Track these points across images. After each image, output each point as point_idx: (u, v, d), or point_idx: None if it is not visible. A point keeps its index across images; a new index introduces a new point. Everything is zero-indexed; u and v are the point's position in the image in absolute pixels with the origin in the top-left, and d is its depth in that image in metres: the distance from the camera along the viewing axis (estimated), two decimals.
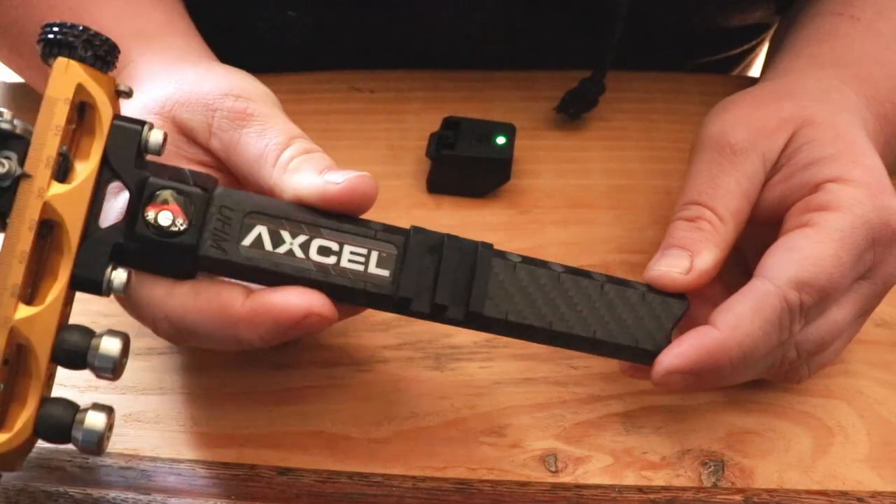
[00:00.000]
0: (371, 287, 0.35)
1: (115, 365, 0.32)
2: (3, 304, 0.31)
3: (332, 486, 0.38)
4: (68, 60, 0.32)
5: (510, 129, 0.48)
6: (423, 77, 0.56)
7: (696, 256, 0.37)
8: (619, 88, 0.55)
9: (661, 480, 0.38)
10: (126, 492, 0.38)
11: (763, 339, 0.35)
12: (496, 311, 0.35)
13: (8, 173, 0.31)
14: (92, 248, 0.32)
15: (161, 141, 0.34)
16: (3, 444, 0.30)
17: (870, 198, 0.37)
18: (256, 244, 0.34)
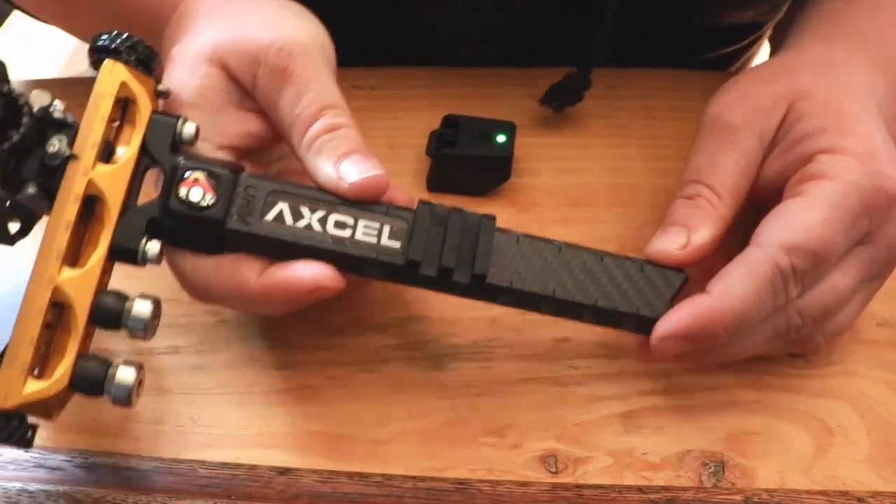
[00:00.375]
0: (384, 257, 0.37)
1: (146, 326, 0.34)
2: (49, 266, 0.34)
3: (332, 486, 0.38)
4: (114, 62, 0.37)
5: (510, 127, 0.48)
6: (423, 75, 0.55)
7: (692, 233, 0.38)
8: (619, 85, 0.55)
9: (661, 481, 0.38)
10: (126, 492, 0.38)
11: (756, 303, 0.36)
12: (501, 278, 0.37)
13: (58, 153, 0.35)
14: (130, 221, 0.36)
15: (193, 133, 0.37)
16: (42, 391, 0.33)
17: (860, 165, 0.38)
18: (278, 219, 0.37)
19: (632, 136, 0.52)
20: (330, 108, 0.38)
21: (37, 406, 0.33)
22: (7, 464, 0.38)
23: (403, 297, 0.45)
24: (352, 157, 0.37)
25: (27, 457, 0.39)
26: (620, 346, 0.43)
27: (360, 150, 0.38)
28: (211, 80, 0.39)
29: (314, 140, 0.38)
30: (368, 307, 0.44)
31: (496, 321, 0.44)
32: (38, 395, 0.33)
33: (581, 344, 0.43)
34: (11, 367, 0.33)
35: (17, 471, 0.38)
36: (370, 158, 0.38)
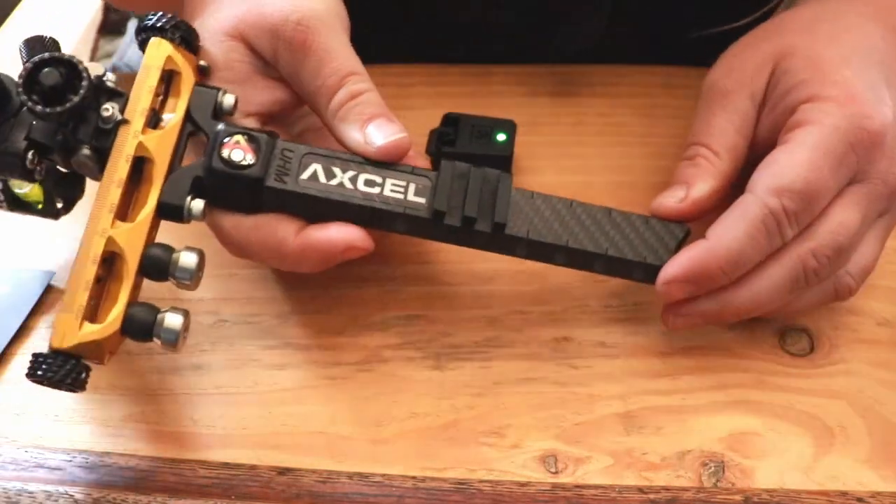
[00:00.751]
0: (410, 211, 0.39)
1: (192, 276, 0.37)
2: (103, 219, 0.37)
3: (332, 486, 0.38)
4: (161, 39, 0.40)
5: (510, 125, 0.48)
6: (422, 72, 0.55)
7: (692, 188, 0.41)
8: (619, 84, 0.55)
9: (661, 481, 0.38)
10: (126, 492, 0.38)
11: (750, 243, 0.38)
12: (518, 230, 0.40)
13: (111, 117, 0.38)
14: (176, 180, 0.39)
15: (233, 103, 0.40)
16: (96, 332, 0.36)
17: (839, 107, 0.40)
18: (312, 178, 0.39)
19: (632, 134, 0.52)
20: (351, 76, 0.40)
21: (91, 348, 0.36)
22: (7, 464, 0.38)
23: (403, 297, 0.45)
24: (376, 122, 0.40)
25: (27, 457, 0.39)
26: (620, 345, 0.43)
27: (384, 114, 0.40)
28: (234, 54, 0.41)
29: (339, 108, 0.40)
30: (368, 307, 0.44)
31: (496, 321, 0.44)
32: (93, 337, 0.36)
33: (581, 344, 0.43)
34: (69, 311, 0.36)
35: (16, 471, 0.38)
36: (393, 122, 0.40)
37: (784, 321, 0.44)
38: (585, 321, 0.44)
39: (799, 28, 0.44)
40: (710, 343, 0.43)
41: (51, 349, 0.36)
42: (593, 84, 0.55)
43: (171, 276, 0.37)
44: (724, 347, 0.43)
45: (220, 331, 0.43)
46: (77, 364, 0.36)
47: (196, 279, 0.38)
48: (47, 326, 0.44)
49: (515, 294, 0.45)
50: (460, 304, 0.45)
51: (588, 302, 0.44)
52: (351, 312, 0.44)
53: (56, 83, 0.37)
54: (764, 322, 0.43)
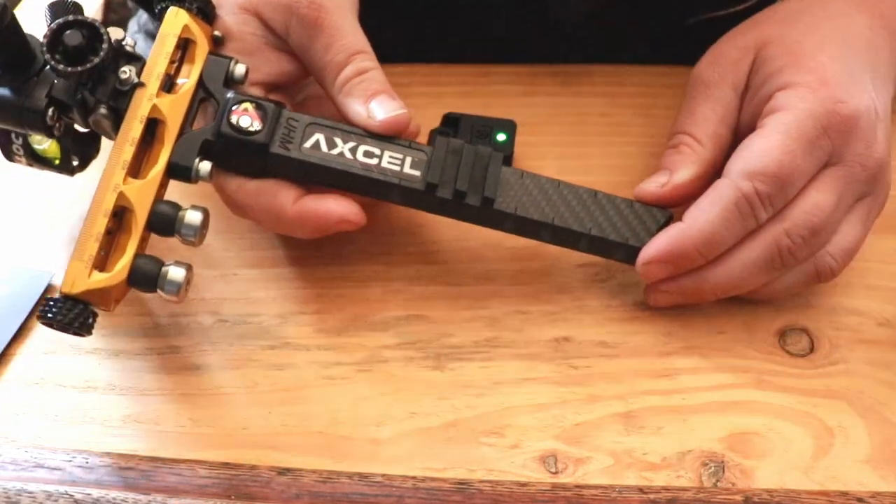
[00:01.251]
0: (405, 182, 0.41)
1: (196, 232, 0.39)
2: (115, 174, 0.39)
3: (332, 486, 0.38)
4: (178, 8, 0.42)
5: (510, 125, 0.48)
6: (422, 71, 0.55)
7: (674, 174, 0.43)
8: (619, 83, 0.55)
9: (661, 481, 0.38)
10: (126, 492, 0.38)
11: (723, 224, 0.40)
12: (506, 206, 0.42)
13: (128, 80, 0.40)
14: (186, 142, 0.40)
15: (244, 73, 0.42)
16: (104, 280, 0.38)
17: (812, 92, 0.41)
18: (315, 147, 0.41)
19: (632, 133, 0.52)
20: (359, 54, 0.42)
21: (99, 294, 0.38)
22: (7, 464, 0.38)
23: (403, 296, 0.45)
24: (379, 98, 0.42)
25: (27, 457, 0.39)
26: (620, 345, 0.43)
27: (387, 91, 0.42)
28: (247, 26, 0.43)
29: (345, 83, 0.42)
30: (368, 307, 0.44)
31: (496, 321, 0.44)
32: (101, 284, 0.38)
33: (581, 344, 0.43)
34: (79, 259, 0.38)
35: (16, 471, 0.38)
36: (395, 98, 0.42)
37: (784, 321, 0.44)
38: (585, 321, 0.44)
39: (780, 19, 0.45)
40: (710, 343, 0.43)
41: (61, 294, 0.38)
42: (593, 84, 0.55)
43: (177, 232, 0.39)
44: (724, 347, 0.43)
45: (220, 331, 0.43)
46: (85, 309, 0.38)
47: (200, 236, 0.39)
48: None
49: (515, 294, 0.45)
50: (460, 304, 0.45)
51: (588, 302, 0.44)
52: (351, 312, 0.44)
53: (79, 44, 0.39)
54: (764, 322, 0.44)
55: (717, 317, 0.44)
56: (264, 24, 0.43)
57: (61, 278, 0.45)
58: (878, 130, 0.42)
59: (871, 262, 0.46)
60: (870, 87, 0.42)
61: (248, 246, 0.46)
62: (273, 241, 0.47)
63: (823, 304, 0.44)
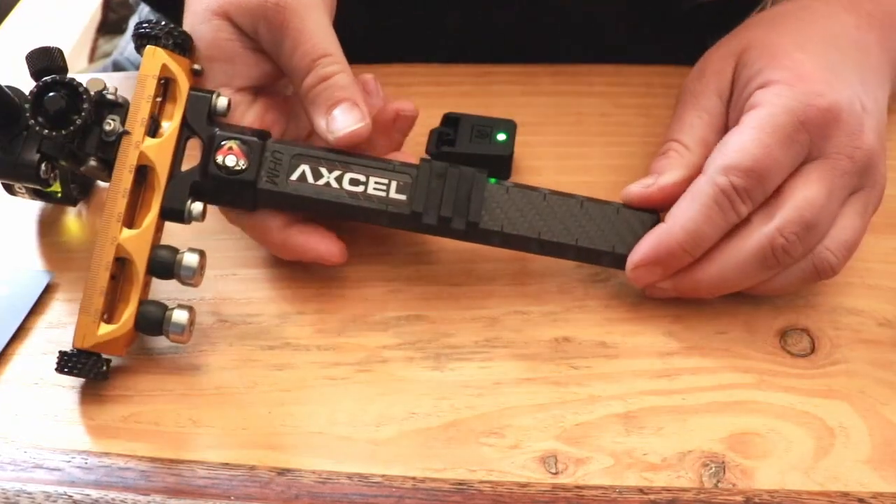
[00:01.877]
0: (392, 208, 0.42)
1: (195, 273, 0.40)
2: (112, 227, 0.40)
3: (331, 486, 0.38)
4: (155, 47, 0.42)
5: (511, 125, 0.48)
6: (422, 72, 0.55)
7: (661, 176, 0.43)
8: (620, 83, 0.55)
9: (661, 481, 0.38)
10: (125, 492, 0.38)
11: (705, 220, 0.40)
12: (493, 224, 0.42)
13: (113, 130, 0.41)
14: (176, 185, 0.41)
15: (226, 105, 0.42)
16: (112, 332, 0.40)
17: (789, 87, 0.41)
18: (301, 178, 0.42)
19: (633, 134, 0.52)
20: (323, 58, 0.42)
21: (109, 345, 0.40)
22: (6, 464, 0.38)
23: (403, 297, 0.45)
24: (340, 107, 0.42)
25: (26, 457, 0.39)
26: (620, 345, 0.43)
27: (349, 98, 0.42)
28: (221, 32, 0.43)
29: (309, 91, 0.42)
30: (368, 307, 0.44)
31: (496, 321, 0.44)
32: (110, 336, 0.40)
33: (581, 344, 0.43)
34: (87, 314, 0.40)
35: (15, 471, 0.38)
36: (354, 109, 0.42)
37: (785, 321, 0.44)
38: (585, 321, 0.44)
39: (761, 24, 0.46)
40: (710, 343, 0.43)
41: (74, 348, 0.40)
42: (593, 84, 0.55)
43: (176, 275, 0.41)
44: (725, 347, 0.43)
45: (220, 331, 0.43)
46: (98, 359, 0.40)
47: (199, 276, 0.41)
48: (47, 326, 0.44)
49: (515, 294, 0.45)
50: (460, 304, 0.45)
51: (588, 302, 0.44)
52: (351, 312, 0.44)
53: (59, 108, 0.40)
54: (765, 322, 0.43)
55: (718, 317, 0.44)
56: (236, 27, 0.43)
57: (60, 278, 0.46)
58: (864, 123, 0.42)
59: (871, 262, 0.46)
60: (854, 81, 0.42)
61: (248, 246, 0.46)
62: None
63: (824, 304, 0.44)
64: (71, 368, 0.40)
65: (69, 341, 0.40)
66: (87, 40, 0.87)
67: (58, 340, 0.42)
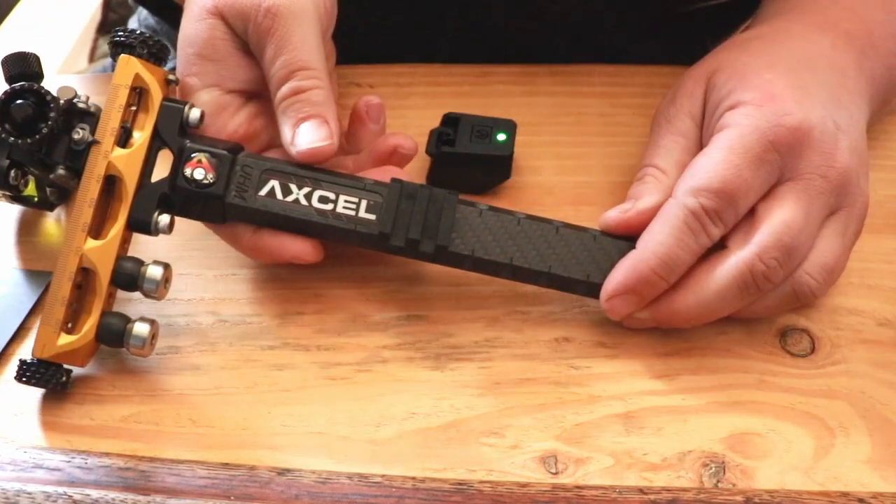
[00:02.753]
0: (361, 228, 0.41)
1: (158, 286, 0.40)
2: (76, 237, 0.40)
3: (331, 486, 0.38)
4: (129, 56, 0.41)
5: (511, 125, 0.48)
6: (422, 72, 0.55)
7: (638, 200, 0.42)
8: (619, 84, 0.55)
9: (661, 482, 0.38)
10: (126, 492, 0.38)
11: (676, 244, 0.40)
12: (463, 247, 0.41)
13: (82, 139, 0.40)
14: (144, 197, 0.41)
15: (198, 117, 0.42)
16: (72, 343, 0.40)
17: (757, 108, 0.41)
18: (270, 194, 0.41)
19: (632, 134, 0.52)
20: (301, 71, 0.41)
21: (69, 356, 0.40)
22: (6, 464, 0.38)
23: (403, 297, 0.45)
24: (308, 123, 0.41)
25: (26, 457, 0.39)
26: (620, 345, 0.43)
27: (319, 115, 0.41)
28: (216, 31, 0.42)
29: (281, 101, 0.42)
30: (368, 307, 0.44)
31: (496, 321, 0.44)
32: (70, 347, 0.40)
33: (581, 344, 0.43)
34: (48, 324, 0.39)
35: (15, 471, 0.38)
36: (322, 126, 0.41)
37: (785, 321, 0.44)
38: (585, 321, 0.44)
39: (733, 46, 0.46)
40: (710, 343, 0.43)
41: (34, 357, 0.40)
42: (593, 84, 0.55)
43: (139, 287, 0.40)
44: (725, 348, 0.43)
45: (220, 331, 0.43)
46: (59, 369, 0.40)
47: (163, 290, 0.41)
48: None
49: (515, 294, 0.45)
50: (460, 304, 0.45)
51: (588, 302, 0.44)
52: (351, 312, 0.44)
53: (26, 116, 0.39)
54: (764, 322, 0.43)
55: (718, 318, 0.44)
56: (230, 28, 0.43)
57: None
58: (838, 141, 0.41)
59: (871, 262, 0.46)
60: (826, 101, 0.42)
61: None
62: None
63: (824, 304, 0.44)
64: (30, 377, 0.39)
65: None
66: (87, 40, 0.87)
67: None
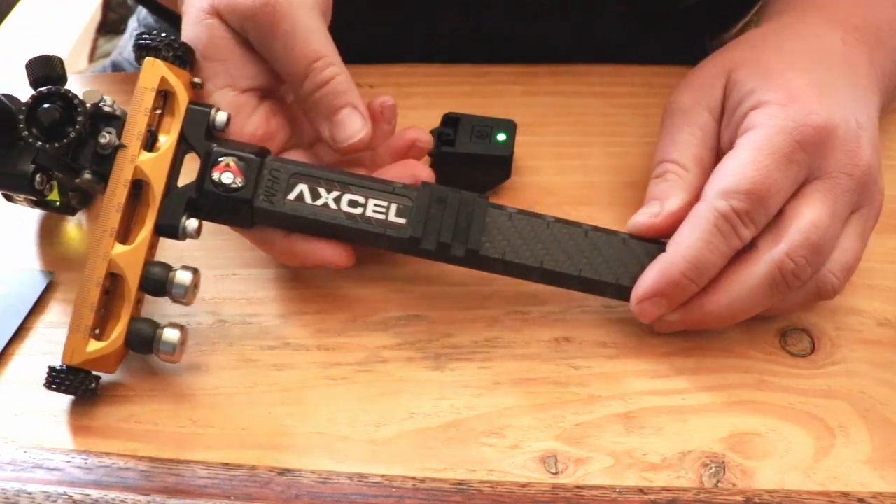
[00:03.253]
0: (390, 232, 0.41)
1: (187, 292, 0.40)
2: (104, 243, 0.39)
3: (331, 486, 0.38)
4: (154, 59, 0.41)
5: (511, 125, 0.48)
6: (422, 72, 0.55)
7: (665, 202, 0.42)
8: (619, 83, 0.55)
9: (661, 481, 0.38)
10: (125, 492, 0.38)
11: (707, 247, 0.40)
12: (494, 251, 0.41)
13: (109, 143, 0.40)
14: (171, 201, 0.41)
15: (225, 120, 0.41)
16: (101, 349, 0.39)
17: (782, 108, 0.41)
18: (299, 198, 0.41)
19: (633, 134, 0.52)
20: (317, 61, 0.41)
21: (98, 362, 0.39)
22: (6, 464, 0.38)
23: (403, 297, 0.45)
24: (342, 114, 0.42)
25: (26, 457, 0.39)
26: (620, 345, 0.43)
27: (349, 103, 0.42)
28: (216, 31, 0.42)
29: (307, 97, 0.42)
30: (368, 307, 0.44)
31: (496, 321, 0.44)
32: (99, 354, 0.39)
33: (581, 344, 0.43)
34: (77, 331, 0.39)
35: (15, 471, 0.38)
36: (356, 111, 0.42)
37: (785, 321, 0.44)
38: (585, 321, 0.44)
39: (750, 43, 0.46)
40: (710, 343, 0.43)
41: (63, 364, 0.39)
42: (593, 84, 0.55)
43: (168, 292, 0.40)
44: (725, 347, 0.43)
45: (220, 331, 0.43)
46: (87, 375, 0.39)
47: (191, 295, 0.40)
48: (46, 326, 0.44)
49: (515, 294, 0.45)
50: (460, 304, 0.45)
51: (588, 302, 0.44)
52: (351, 312, 0.44)
53: (54, 120, 0.39)
54: (764, 322, 0.43)
55: None
56: (228, 27, 0.42)
57: (60, 278, 0.46)
58: (861, 139, 0.41)
59: (871, 262, 0.45)
60: (846, 98, 0.42)
61: (248, 246, 0.46)
62: None
63: (824, 305, 0.44)
64: (59, 385, 0.39)
65: None
66: (87, 40, 0.87)
67: (58, 341, 0.42)
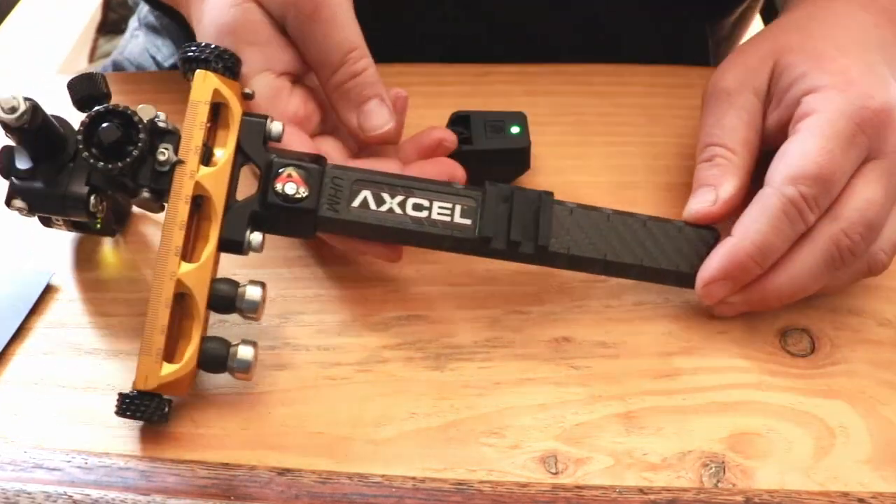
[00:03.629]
0: (457, 233, 0.41)
1: (257, 307, 0.39)
2: (170, 262, 0.38)
3: (331, 486, 0.38)
4: (206, 72, 0.40)
5: (521, 117, 0.48)
6: (422, 71, 0.55)
7: (719, 189, 0.43)
8: (620, 83, 0.55)
9: (661, 481, 0.38)
10: (125, 492, 0.38)
11: (774, 233, 0.40)
12: (559, 246, 0.42)
13: (167, 160, 0.39)
14: (234, 216, 0.40)
15: (281, 130, 0.41)
16: (175, 372, 0.38)
17: (840, 93, 0.42)
18: (363, 205, 0.41)
19: (634, 134, 0.52)
20: (353, 51, 0.43)
21: (172, 385, 0.38)
22: (6, 464, 0.38)
23: (403, 296, 0.45)
24: (370, 105, 0.43)
25: (26, 457, 0.39)
26: (620, 345, 0.43)
27: (377, 94, 0.43)
28: (254, 15, 0.43)
29: (338, 87, 0.43)
30: (368, 307, 0.44)
31: (496, 321, 0.44)
32: (173, 377, 0.38)
33: (581, 344, 0.43)
34: (148, 354, 0.38)
35: (15, 471, 0.38)
36: (383, 103, 0.43)
37: (785, 321, 0.44)
38: (585, 321, 0.44)
39: (793, 28, 0.46)
40: (710, 343, 0.43)
41: (135, 390, 0.38)
42: (594, 84, 0.55)
43: (238, 309, 0.39)
44: (725, 347, 0.43)
45: (221, 331, 0.43)
46: (161, 400, 0.38)
47: (260, 309, 0.39)
48: (47, 326, 0.44)
49: (515, 294, 0.45)
50: (460, 304, 0.45)
51: (588, 302, 0.44)
52: (351, 312, 0.44)
53: (115, 139, 0.38)
54: (764, 322, 0.43)
55: (718, 317, 0.44)
56: (265, 11, 0.43)
57: (60, 278, 0.46)
58: None
59: None
60: (892, 80, 0.43)
61: None
62: (273, 242, 0.47)
63: (824, 304, 0.44)
64: (134, 412, 0.38)
65: (70, 341, 0.40)
66: (87, 40, 0.87)
67: (58, 340, 0.42)
